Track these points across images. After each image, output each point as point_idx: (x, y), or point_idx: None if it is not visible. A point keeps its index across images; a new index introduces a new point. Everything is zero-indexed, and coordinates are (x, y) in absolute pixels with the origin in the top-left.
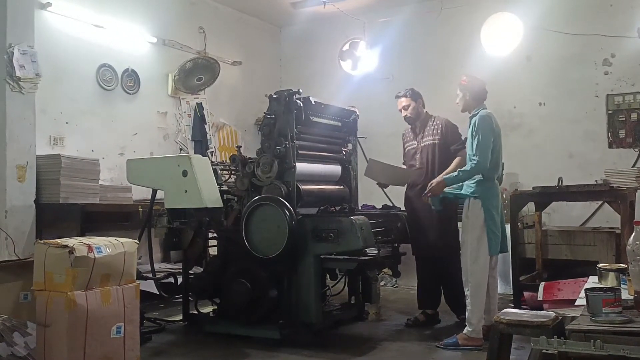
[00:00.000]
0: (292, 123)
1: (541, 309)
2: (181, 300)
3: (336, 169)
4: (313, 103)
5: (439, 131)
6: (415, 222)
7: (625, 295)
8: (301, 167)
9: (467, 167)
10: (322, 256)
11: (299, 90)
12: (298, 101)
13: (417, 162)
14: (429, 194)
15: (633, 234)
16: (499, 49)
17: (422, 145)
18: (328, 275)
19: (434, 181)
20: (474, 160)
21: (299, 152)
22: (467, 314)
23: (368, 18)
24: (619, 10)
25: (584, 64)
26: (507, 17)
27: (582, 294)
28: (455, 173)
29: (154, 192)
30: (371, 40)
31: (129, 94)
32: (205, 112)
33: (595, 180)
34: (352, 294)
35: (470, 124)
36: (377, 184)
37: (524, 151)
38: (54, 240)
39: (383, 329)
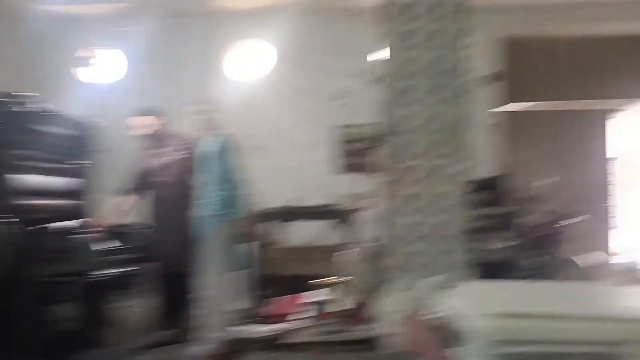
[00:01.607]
0: (12, 131)
1: (275, 323)
2: None
3: (70, 182)
4: (40, 111)
5: (183, 145)
6: (161, 238)
7: (342, 307)
8: (24, 180)
9: (225, 189)
10: (45, 279)
11: (22, 95)
12: (18, 107)
13: (167, 177)
14: None
15: (346, 251)
16: (242, 73)
17: (169, 160)
18: (54, 300)
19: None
20: (228, 181)
21: (23, 163)
22: (204, 330)
23: (111, 25)
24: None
25: (320, 95)
26: (255, 42)
27: (304, 307)
28: (218, 196)
29: None
30: (113, 48)
31: None
32: None
33: (327, 202)
34: (84, 318)
35: (206, 146)
36: None
37: (265, 173)
38: None
39: (119, 352)
